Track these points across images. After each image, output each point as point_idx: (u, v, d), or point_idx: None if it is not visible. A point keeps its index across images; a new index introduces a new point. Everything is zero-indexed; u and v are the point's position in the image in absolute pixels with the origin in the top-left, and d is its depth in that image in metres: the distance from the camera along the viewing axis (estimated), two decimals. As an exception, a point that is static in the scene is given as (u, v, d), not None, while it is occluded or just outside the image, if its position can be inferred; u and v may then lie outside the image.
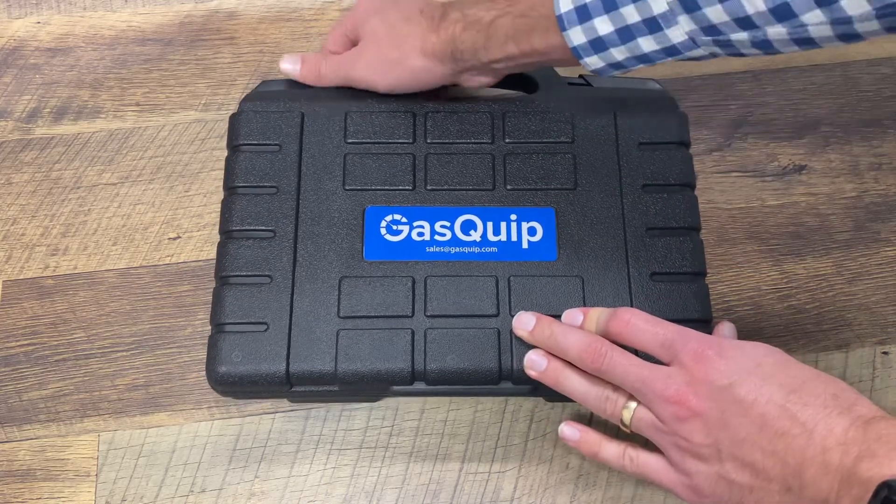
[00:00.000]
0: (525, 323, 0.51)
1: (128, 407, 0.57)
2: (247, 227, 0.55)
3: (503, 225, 0.55)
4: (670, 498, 0.55)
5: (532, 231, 0.55)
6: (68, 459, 0.56)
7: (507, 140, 0.58)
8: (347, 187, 0.56)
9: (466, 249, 0.55)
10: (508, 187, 0.56)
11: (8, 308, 0.60)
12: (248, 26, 0.70)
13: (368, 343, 0.52)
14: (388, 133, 0.58)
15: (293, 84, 0.61)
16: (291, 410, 0.57)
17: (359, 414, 0.57)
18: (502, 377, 0.52)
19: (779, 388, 0.42)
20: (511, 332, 0.52)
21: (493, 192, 0.56)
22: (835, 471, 0.39)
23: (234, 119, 0.59)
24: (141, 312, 0.60)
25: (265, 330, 0.52)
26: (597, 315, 0.50)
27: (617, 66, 0.51)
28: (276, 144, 0.57)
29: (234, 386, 0.52)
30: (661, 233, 0.55)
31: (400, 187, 0.56)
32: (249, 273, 0.54)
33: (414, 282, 0.53)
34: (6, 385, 0.58)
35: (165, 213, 0.63)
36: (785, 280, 0.61)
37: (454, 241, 0.55)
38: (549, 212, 0.55)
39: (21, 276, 0.61)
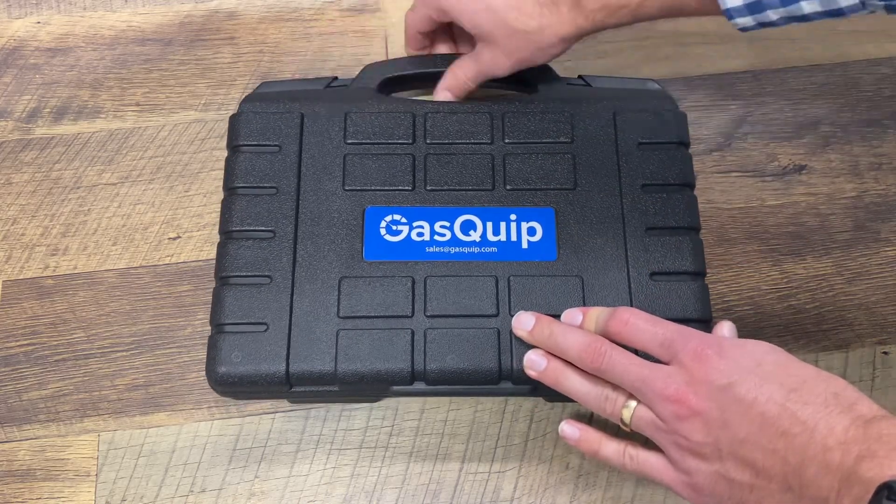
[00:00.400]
0: (524, 323, 0.51)
1: (128, 407, 0.57)
2: (247, 228, 0.55)
3: (503, 225, 0.55)
4: (670, 498, 0.55)
5: (532, 231, 0.55)
6: (68, 459, 0.56)
7: (506, 140, 0.58)
8: (347, 188, 0.56)
9: (466, 249, 0.55)
10: (508, 187, 0.56)
11: (8, 308, 0.60)
12: (247, 26, 0.70)
13: (368, 343, 0.52)
14: (388, 133, 0.58)
15: (293, 85, 0.61)
16: (291, 410, 0.57)
17: (359, 414, 0.57)
18: (502, 377, 0.52)
19: (779, 386, 0.42)
20: (511, 332, 0.52)
21: (493, 193, 0.56)
22: (835, 470, 0.39)
23: (233, 120, 0.59)
24: (141, 312, 0.60)
25: (265, 330, 0.52)
26: (596, 315, 0.50)
27: (769, 24, 0.51)
28: (275, 145, 0.57)
29: (233, 386, 0.52)
30: (661, 233, 0.55)
31: (399, 188, 0.56)
32: (249, 273, 0.53)
33: (413, 282, 0.53)
34: (6, 385, 0.58)
35: (165, 213, 0.63)
36: (785, 280, 0.61)
37: (454, 241, 0.55)
38: (548, 212, 0.55)
39: (21, 276, 0.61)
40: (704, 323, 0.53)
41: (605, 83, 0.61)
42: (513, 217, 0.55)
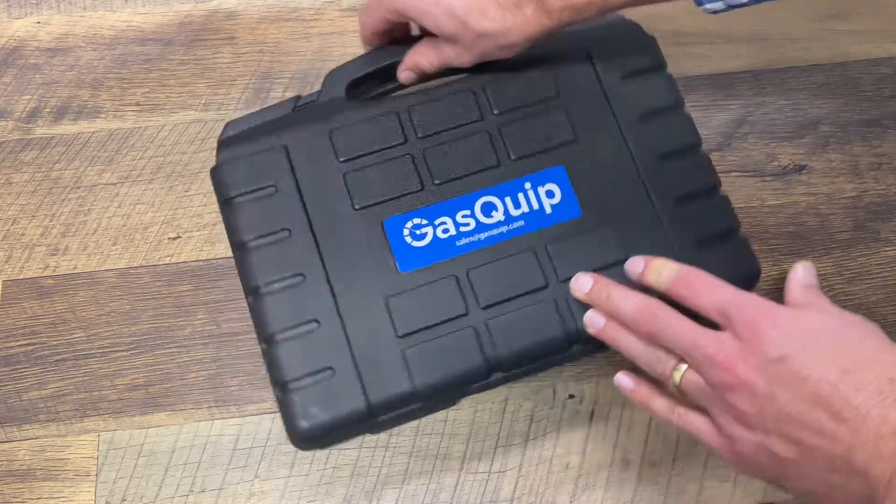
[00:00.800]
0: (583, 285, 0.51)
1: (127, 407, 0.57)
2: (274, 280, 0.52)
3: (521, 196, 0.54)
4: (670, 498, 0.55)
5: (550, 194, 0.54)
6: (68, 459, 0.56)
7: (495, 112, 0.56)
8: (358, 207, 0.53)
9: (495, 231, 0.54)
10: (513, 158, 0.55)
11: (8, 308, 0.60)
12: (247, 26, 0.70)
13: (436, 352, 0.51)
14: (379, 140, 0.55)
15: (259, 117, 0.57)
16: (291, 410, 0.57)
17: (359, 414, 0.57)
18: (571, 342, 0.52)
19: (833, 367, 0.41)
20: (567, 297, 0.52)
21: (501, 168, 0.55)
22: (889, 458, 0.39)
23: (216, 172, 0.54)
24: (140, 312, 0.60)
25: (332, 375, 0.50)
26: (659, 267, 0.49)
27: (738, 5, 0.52)
28: (270, 186, 0.53)
29: (320, 439, 0.50)
30: (671, 157, 0.55)
31: (409, 191, 0.54)
32: (294, 325, 0.51)
33: (458, 279, 0.52)
34: (6, 385, 0.58)
35: (165, 212, 0.63)
36: (785, 280, 0.61)
37: (480, 227, 0.54)
38: (559, 170, 0.55)
39: (21, 276, 0.61)
40: (732, 234, 0.54)
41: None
42: (527, 186, 0.54)
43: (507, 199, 0.54)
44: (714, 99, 0.67)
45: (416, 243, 0.53)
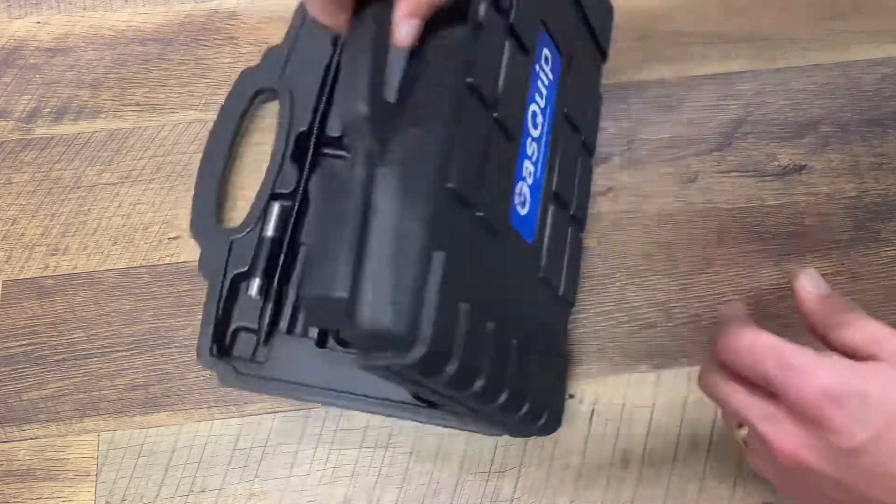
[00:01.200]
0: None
1: (127, 407, 0.57)
2: (471, 360, 0.41)
3: (538, 84, 0.49)
4: (670, 498, 0.55)
5: (546, 60, 0.51)
6: (68, 459, 0.56)
7: (502, 12, 0.45)
8: (501, 235, 0.45)
9: (544, 137, 0.51)
10: (528, 49, 0.47)
11: (8, 308, 0.60)
12: (248, 26, 0.70)
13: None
14: (477, 140, 0.42)
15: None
16: (291, 410, 0.57)
17: (359, 414, 0.57)
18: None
19: None
20: (591, 133, 0.58)
21: (526, 68, 0.49)
22: None
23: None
24: (140, 312, 0.60)
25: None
26: (720, 316, 0.44)
27: None
28: (407, 336, 0.36)
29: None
30: None
31: (509, 169, 0.46)
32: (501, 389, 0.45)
33: (554, 205, 0.52)
34: (6, 385, 0.58)
35: (165, 213, 0.63)
36: (785, 280, 0.61)
37: (539, 143, 0.50)
38: (542, 35, 0.50)
39: (21, 276, 0.61)
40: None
41: None
42: (537, 69, 0.49)
43: (536, 96, 0.49)
44: (714, 99, 0.67)
45: (525, 210, 0.48)
